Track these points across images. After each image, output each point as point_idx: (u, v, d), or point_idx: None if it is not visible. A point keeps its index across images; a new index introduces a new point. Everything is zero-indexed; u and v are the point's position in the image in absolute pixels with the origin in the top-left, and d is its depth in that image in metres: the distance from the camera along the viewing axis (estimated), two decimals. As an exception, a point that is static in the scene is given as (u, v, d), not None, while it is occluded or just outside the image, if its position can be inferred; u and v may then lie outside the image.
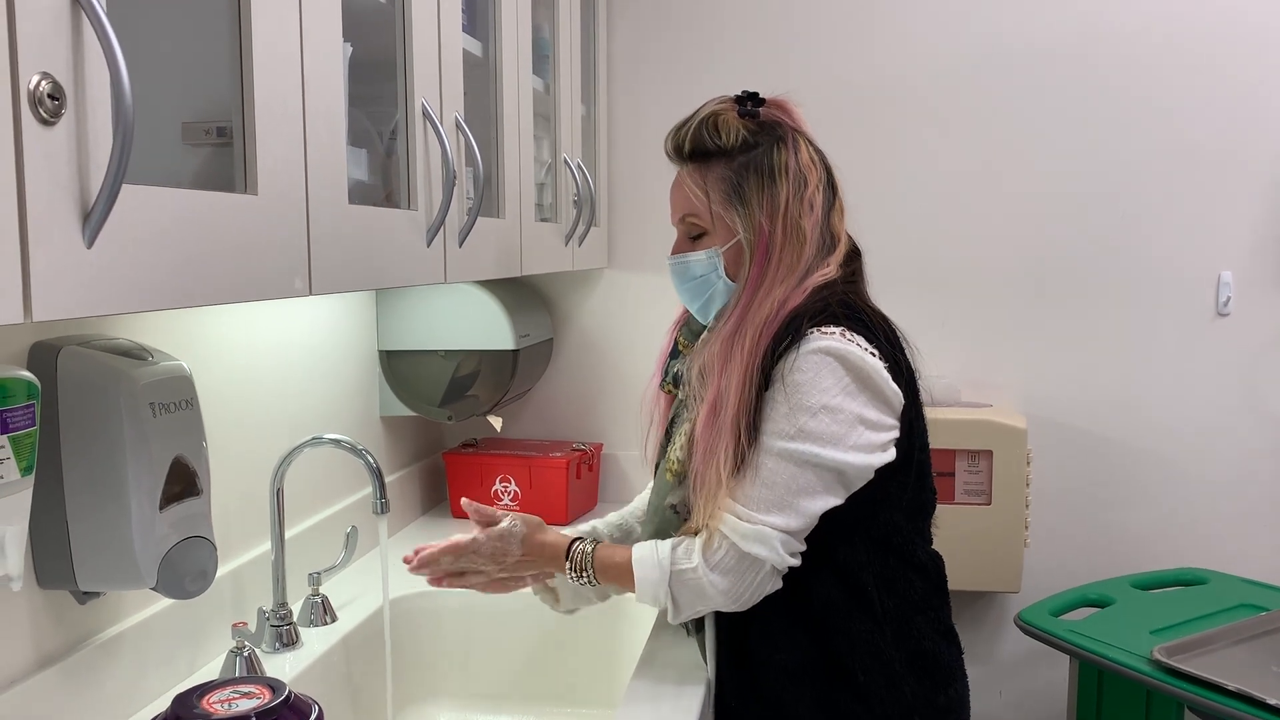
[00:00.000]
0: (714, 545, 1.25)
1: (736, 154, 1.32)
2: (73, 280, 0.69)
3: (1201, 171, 2.21)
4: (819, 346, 1.23)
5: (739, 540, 1.23)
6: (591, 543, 1.38)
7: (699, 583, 1.26)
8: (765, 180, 1.31)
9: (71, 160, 0.68)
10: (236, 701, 1.01)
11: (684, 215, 1.37)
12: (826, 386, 1.22)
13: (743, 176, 1.32)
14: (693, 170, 1.35)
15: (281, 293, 0.97)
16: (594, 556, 1.35)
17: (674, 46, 2.34)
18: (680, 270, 1.39)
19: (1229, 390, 2.25)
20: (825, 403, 1.22)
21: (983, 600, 2.36)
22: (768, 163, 1.31)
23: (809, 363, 1.23)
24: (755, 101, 1.35)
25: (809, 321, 1.25)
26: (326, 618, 1.59)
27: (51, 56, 0.66)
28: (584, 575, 1.36)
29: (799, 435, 1.22)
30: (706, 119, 1.33)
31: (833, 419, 1.22)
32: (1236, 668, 1.70)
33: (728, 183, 1.32)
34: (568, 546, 1.38)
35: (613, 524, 1.57)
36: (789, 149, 1.32)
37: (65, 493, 1.09)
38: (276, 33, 0.95)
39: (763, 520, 1.22)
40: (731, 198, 1.32)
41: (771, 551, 1.23)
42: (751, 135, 1.32)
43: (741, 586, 1.25)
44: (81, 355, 1.09)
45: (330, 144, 1.07)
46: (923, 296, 2.29)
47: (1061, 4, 2.21)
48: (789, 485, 1.23)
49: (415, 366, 2.07)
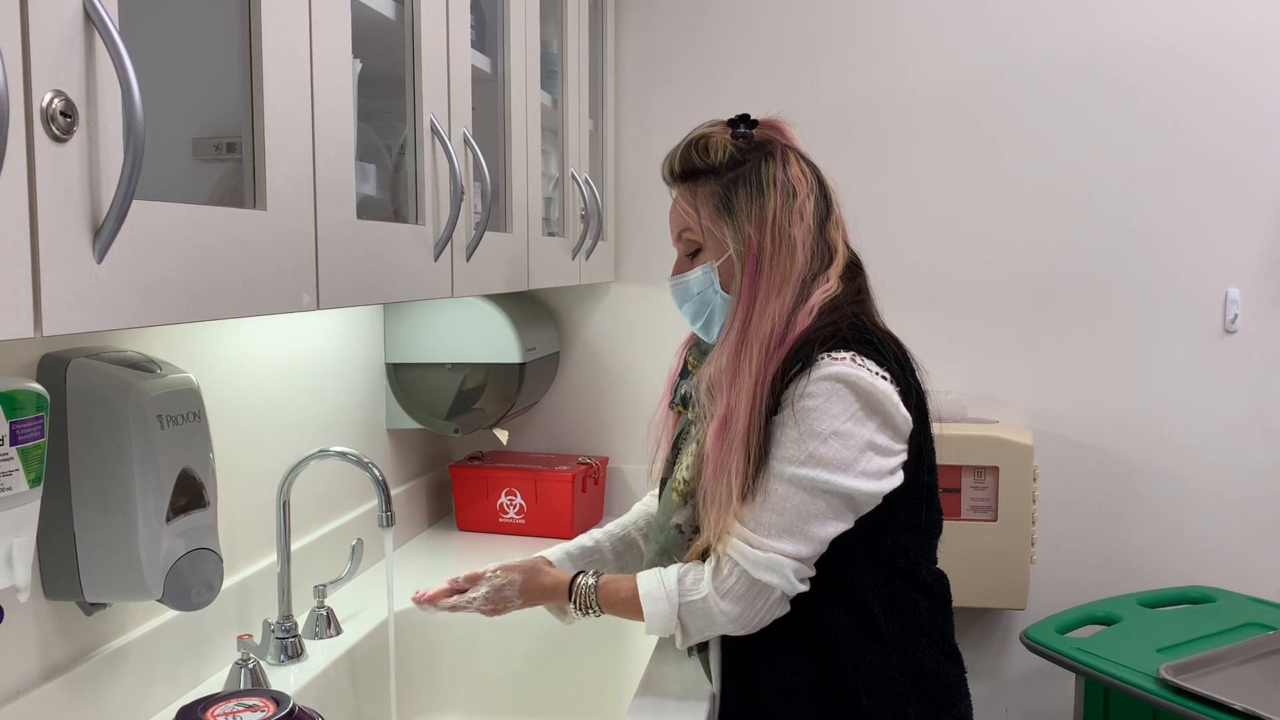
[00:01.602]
0: (724, 572, 1.25)
1: (725, 171, 1.34)
2: (83, 295, 0.70)
3: (1210, 188, 2.21)
4: (829, 373, 1.23)
5: (750, 568, 1.23)
6: (594, 575, 1.38)
7: (708, 610, 1.27)
8: (753, 192, 1.32)
9: (83, 176, 0.69)
10: (240, 715, 1.02)
11: (680, 231, 1.39)
12: (837, 412, 1.23)
13: (731, 190, 1.33)
14: (684, 189, 1.38)
15: (290, 307, 0.98)
16: (598, 592, 1.36)
17: (681, 62, 2.35)
18: (680, 290, 1.40)
19: (1236, 407, 2.25)
20: (835, 429, 1.22)
21: (988, 617, 2.36)
22: (755, 176, 1.33)
23: (819, 389, 1.23)
24: (748, 124, 1.37)
25: (820, 347, 1.25)
26: (331, 630, 1.59)
27: (65, 74, 0.67)
28: (589, 611, 1.37)
29: (809, 461, 1.22)
30: (695, 141, 1.36)
31: (843, 445, 1.22)
32: (1244, 687, 1.69)
33: (716, 197, 1.34)
34: (569, 585, 1.38)
35: (614, 535, 1.58)
36: (777, 162, 1.34)
37: (73, 504, 1.09)
38: (287, 49, 0.96)
39: (774, 547, 1.23)
40: (720, 211, 1.34)
41: (783, 579, 1.23)
42: (740, 153, 1.34)
43: (751, 613, 1.26)
44: (90, 368, 1.09)
45: (339, 159, 1.08)
46: (929, 312, 2.29)
47: (1071, 19, 2.21)
48: (799, 511, 1.23)
49: (422, 379, 2.07)
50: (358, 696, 1.57)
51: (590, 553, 1.55)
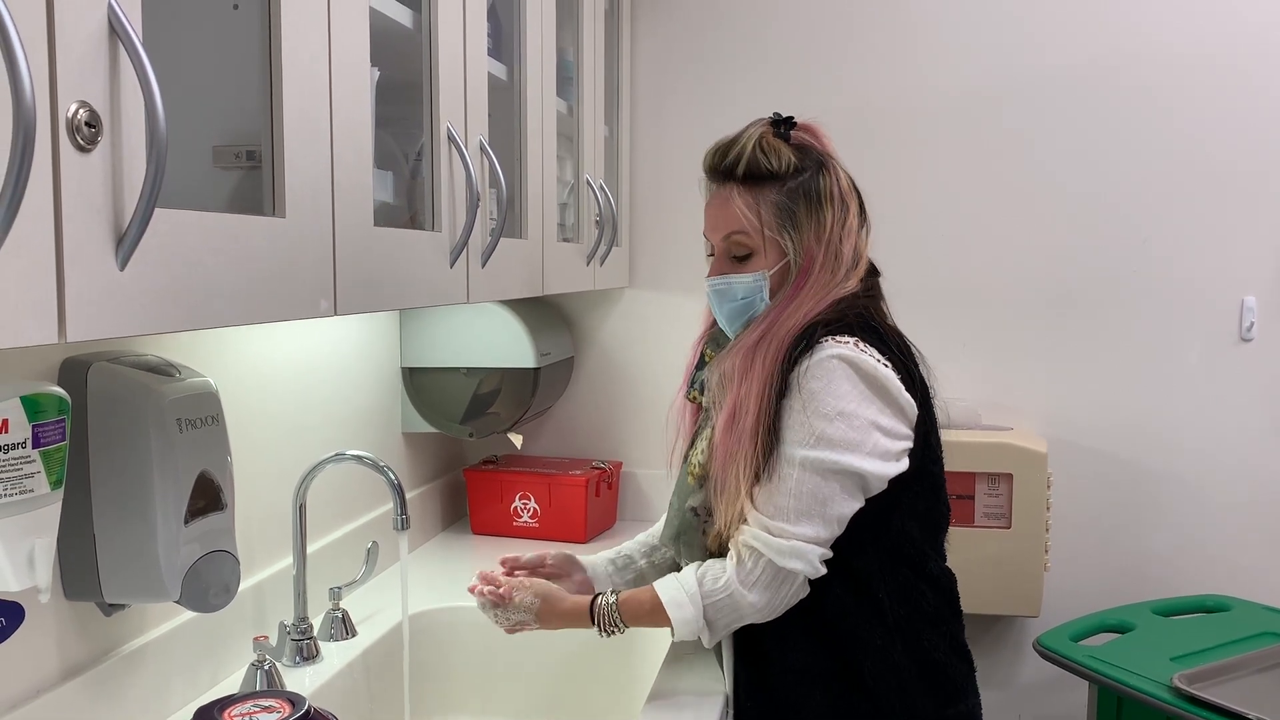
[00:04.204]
0: (748, 564, 1.27)
1: (787, 179, 1.35)
2: (106, 301, 0.71)
3: (1227, 196, 2.20)
4: (832, 353, 1.26)
5: (775, 556, 1.25)
6: (612, 593, 1.39)
7: (734, 604, 1.28)
8: (813, 205, 1.34)
9: (106, 185, 0.70)
10: (257, 716, 1.03)
11: (730, 233, 1.38)
12: (842, 392, 1.25)
13: (794, 201, 1.34)
14: (744, 191, 1.36)
15: (308, 313, 0.99)
16: (620, 609, 1.37)
17: (696, 68, 2.36)
18: (723, 292, 1.40)
19: (1252, 415, 2.24)
20: (840, 408, 1.24)
21: (1002, 624, 2.35)
22: (815, 188, 1.34)
23: (823, 369, 1.25)
24: (789, 125, 1.38)
25: (824, 329, 1.28)
26: (347, 633, 1.60)
27: (89, 85, 0.68)
28: (613, 630, 1.37)
29: (818, 442, 1.24)
30: (759, 142, 1.35)
31: (848, 424, 1.24)
32: (1258, 696, 1.69)
33: (780, 207, 1.35)
34: (590, 608, 1.39)
35: (649, 545, 1.60)
36: (831, 175, 1.36)
37: (93, 506, 1.11)
38: (306, 58, 0.98)
39: (796, 534, 1.25)
40: (785, 222, 1.34)
41: (808, 565, 1.25)
42: (799, 160, 1.35)
43: (777, 600, 1.28)
44: (111, 371, 1.11)
45: (357, 167, 1.09)
46: (945, 317, 2.29)
47: (1088, 27, 2.21)
48: (815, 495, 1.25)
49: (437, 384, 2.08)
50: (372, 699, 1.58)
51: (627, 560, 1.58)
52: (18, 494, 0.92)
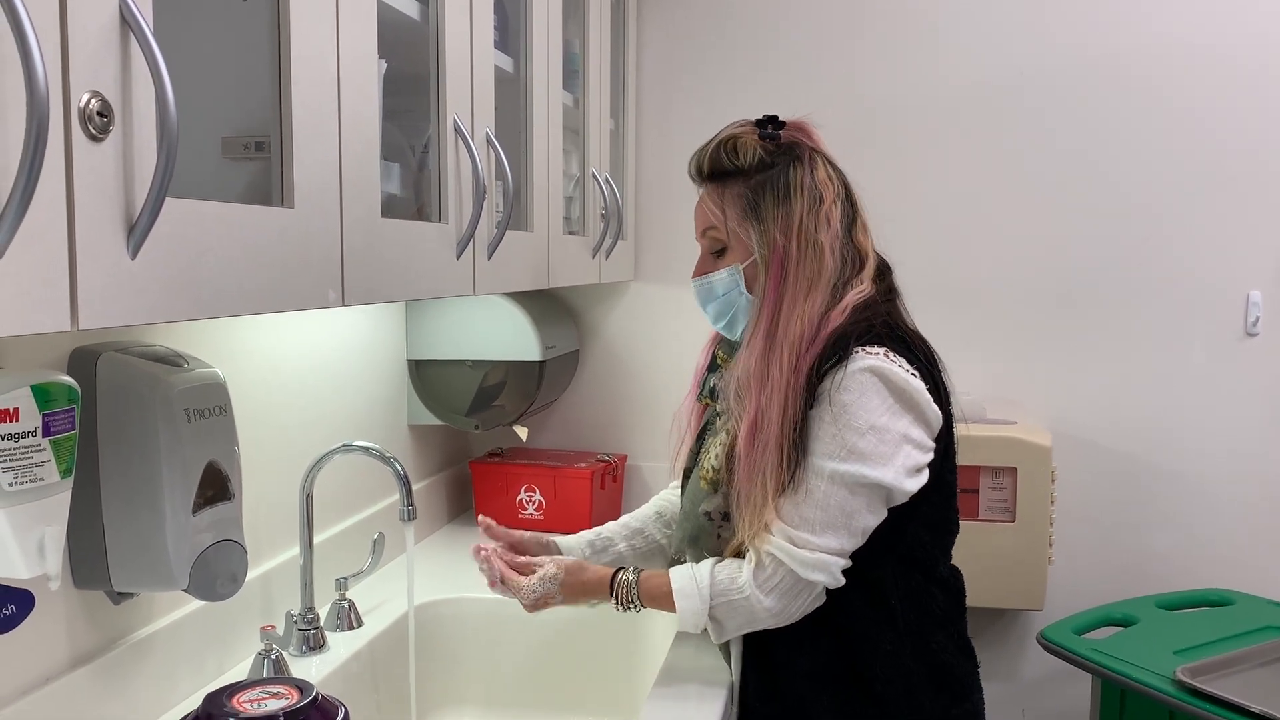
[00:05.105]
0: (768, 570, 1.27)
1: (753, 173, 1.35)
2: (117, 290, 0.71)
3: (1232, 191, 2.20)
4: (865, 365, 1.25)
5: (798, 567, 1.25)
6: (634, 570, 1.39)
7: (750, 607, 1.28)
8: (780, 197, 1.33)
9: (118, 175, 0.71)
10: (265, 701, 1.03)
11: (705, 229, 1.40)
12: (873, 406, 1.24)
13: (759, 194, 1.34)
14: (711, 189, 1.38)
15: (315, 304, 0.99)
16: (639, 587, 1.37)
17: (702, 62, 2.36)
18: (704, 290, 1.41)
19: (1257, 410, 2.24)
20: (873, 423, 1.24)
21: (1006, 618, 2.36)
22: (783, 180, 1.34)
23: (855, 382, 1.25)
24: (775, 125, 1.38)
25: (855, 341, 1.27)
26: (353, 622, 1.61)
27: (101, 76, 0.69)
28: (631, 606, 1.38)
29: (849, 455, 1.24)
30: (725, 141, 1.36)
31: (880, 439, 1.24)
32: (1261, 690, 1.69)
33: (744, 200, 1.35)
34: (611, 581, 1.39)
35: (631, 528, 1.60)
36: (805, 167, 1.34)
37: (102, 495, 1.11)
38: (314, 50, 0.98)
39: (820, 545, 1.24)
40: (747, 214, 1.34)
41: (829, 576, 1.26)
42: (769, 155, 1.35)
43: (794, 607, 1.28)
44: (119, 361, 1.11)
45: (364, 158, 1.09)
46: (949, 312, 2.29)
47: (1095, 22, 2.21)
48: (843, 508, 1.25)
49: (443, 376, 2.09)
50: (378, 688, 1.59)
51: (607, 542, 1.58)
52: (28, 482, 0.93)
